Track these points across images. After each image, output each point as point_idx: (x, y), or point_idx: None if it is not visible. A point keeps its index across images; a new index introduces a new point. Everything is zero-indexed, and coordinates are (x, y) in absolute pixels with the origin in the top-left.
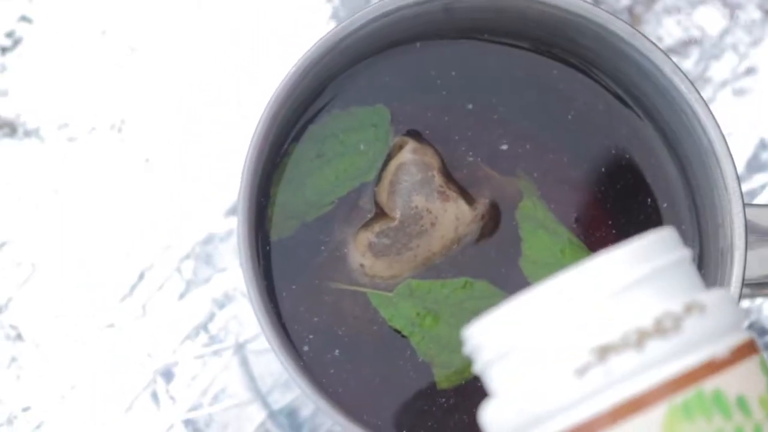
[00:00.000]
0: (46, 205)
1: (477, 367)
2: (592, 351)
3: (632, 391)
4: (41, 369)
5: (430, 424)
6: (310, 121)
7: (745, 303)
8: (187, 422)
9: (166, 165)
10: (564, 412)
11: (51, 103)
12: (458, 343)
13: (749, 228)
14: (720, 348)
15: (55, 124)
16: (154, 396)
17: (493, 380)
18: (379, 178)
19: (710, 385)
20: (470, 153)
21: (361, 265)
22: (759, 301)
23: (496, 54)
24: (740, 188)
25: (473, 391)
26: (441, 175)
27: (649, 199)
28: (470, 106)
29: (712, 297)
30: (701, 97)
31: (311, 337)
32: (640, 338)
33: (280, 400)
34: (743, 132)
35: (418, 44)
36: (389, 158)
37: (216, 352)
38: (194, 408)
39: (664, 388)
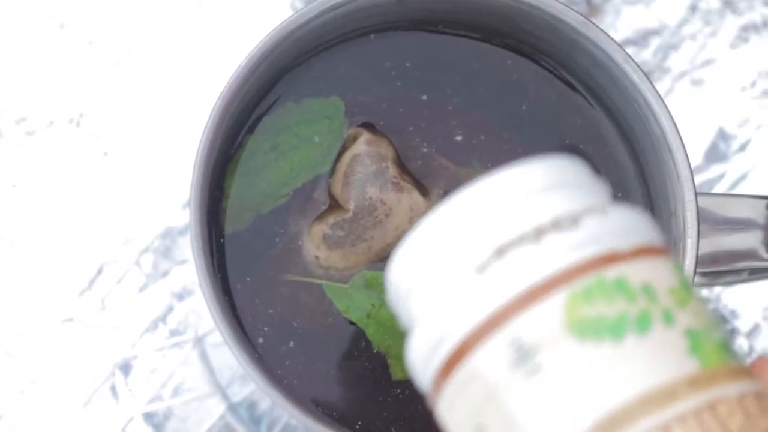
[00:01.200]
0: (4, 199)
1: (400, 313)
2: (492, 249)
3: (531, 281)
4: (0, 363)
5: (385, 415)
6: (264, 113)
7: (704, 292)
8: (147, 415)
9: (124, 158)
10: (470, 311)
11: (9, 98)
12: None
13: (702, 217)
14: (622, 243)
15: (13, 118)
16: (114, 389)
17: (410, 313)
18: (333, 170)
19: (612, 272)
20: (425, 144)
21: (316, 257)
22: (717, 290)
23: (451, 45)
24: (692, 177)
25: None
26: (395, 166)
27: None
28: (425, 98)
29: (616, 206)
30: (654, 86)
31: (266, 329)
32: (538, 234)
33: (239, 392)
34: (701, 122)
35: (372, 36)
36: (344, 150)
37: (175, 346)
38: (154, 401)
39: (564, 276)
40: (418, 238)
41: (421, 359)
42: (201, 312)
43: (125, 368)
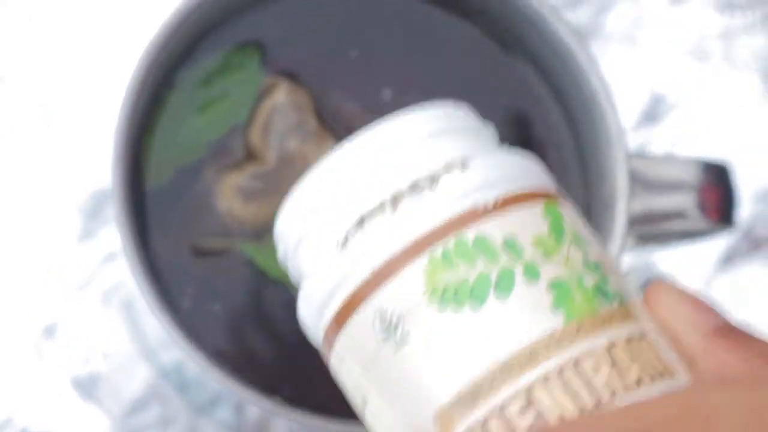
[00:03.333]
0: None
1: (290, 267)
2: (352, 221)
3: (389, 252)
4: None
5: (314, 378)
6: (185, 68)
7: (641, 258)
8: (74, 381)
9: (47, 121)
10: (337, 284)
11: None
12: None
13: (634, 178)
14: (483, 198)
15: None
16: (40, 354)
17: (299, 268)
18: (250, 120)
19: (471, 232)
20: (349, 99)
21: (231, 209)
22: (653, 257)
23: (381, 2)
24: (624, 138)
25: None
26: (316, 119)
27: (535, 149)
28: (352, 53)
29: (482, 156)
30: (585, 45)
31: (190, 291)
32: (395, 201)
33: (168, 357)
34: (637, 84)
35: None
36: (262, 100)
37: (103, 310)
38: (81, 366)
39: (421, 243)
40: (302, 190)
41: (310, 320)
42: (130, 275)
43: (52, 333)
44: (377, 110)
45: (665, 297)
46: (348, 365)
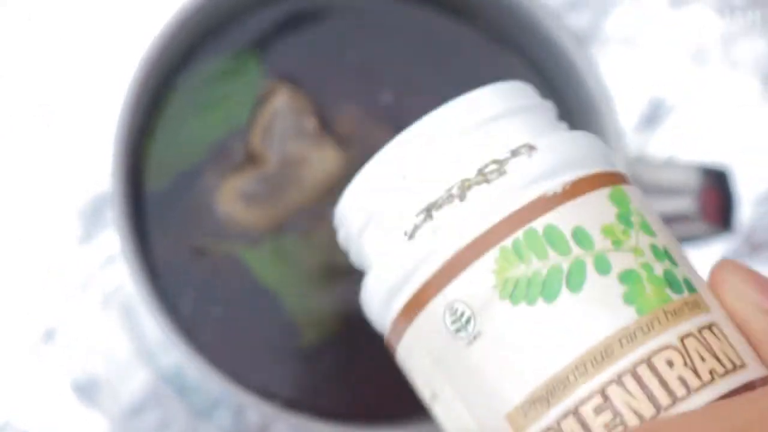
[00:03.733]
0: None
1: (351, 250)
2: (420, 211)
3: (460, 244)
4: None
5: (308, 383)
6: (186, 72)
7: None
8: (74, 384)
9: (47, 122)
10: (408, 278)
11: None
12: (326, 297)
13: (634, 182)
14: (551, 185)
15: None
16: (39, 357)
17: (362, 254)
18: (251, 124)
19: (541, 222)
20: (349, 102)
21: (232, 211)
22: None
23: (380, 6)
24: (622, 142)
25: (352, 351)
26: (316, 123)
27: None
28: (351, 56)
29: (547, 138)
30: (583, 49)
31: (191, 294)
32: (463, 189)
33: (169, 361)
34: (636, 87)
35: None
36: (262, 104)
37: (103, 313)
38: (80, 369)
39: (491, 234)
40: (366, 176)
41: (375, 310)
42: (129, 278)
43: (52, 335)
44: (377, 113)
45: (731, 278)
46: (417, 358)
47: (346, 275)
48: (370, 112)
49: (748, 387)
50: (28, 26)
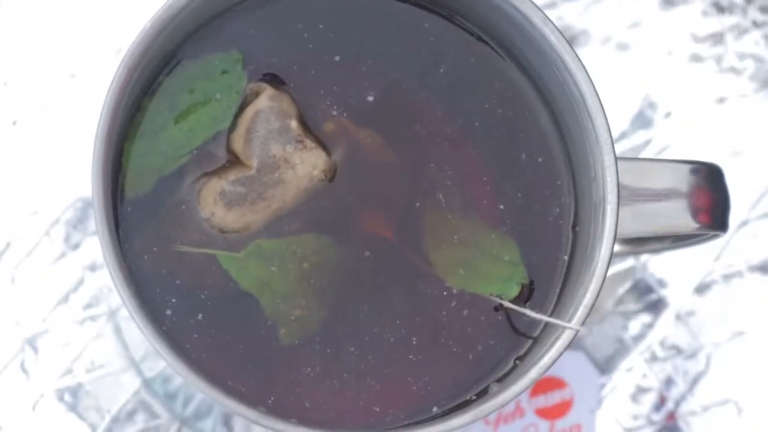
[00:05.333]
0: None
1: None
2: None
3: None
4: None
5: (297, 389)
6: (166, 74)
7: (630, 261)
8: (59, 392)
9: (33, 128)
10: None
11: None
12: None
13: (624, 183)
14: None
15: None
16: (23, 366)
17: None
18: (233, 125)
19: None
20: (331, 104)
21: (212, 215)
22: (644, 258)
23: (366, 5)
24: (612, 141)
25: (337, 355)
26: (299, 124)
27: (524, 154)
28: (335, 57)
29: None
30: (572, 48)
31: (173, 300)
32: None
33: (154, 367)
34: (628, 88)
35: None
36: (245, 105)
37: (88, 319)
38: (66, 377)
39: None
40: None
41: None
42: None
43: (36, 344)
44: (361, 114)
45: None
46: None
47: (329, 277)
48: (354, 113)
49: None
50: (28, 26)
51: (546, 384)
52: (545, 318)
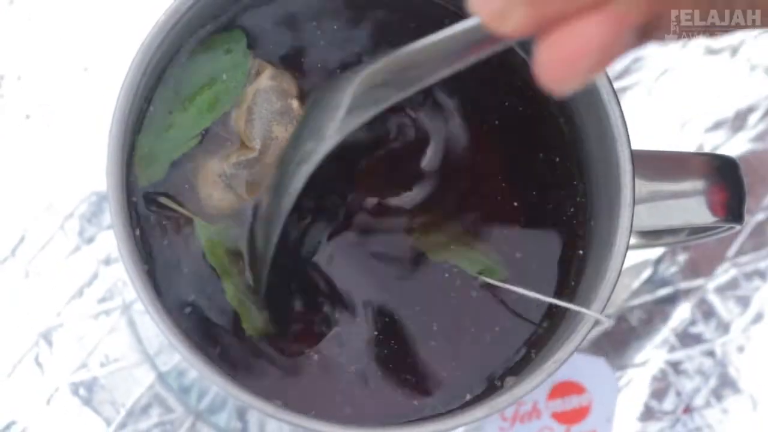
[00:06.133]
0: None
1: None
2: None
3: None
4: None
5: (306, 386)
6: (172, 61)
7: (645, 255)
8: (73, 386)
9: (47, 122)
10: None
11: None
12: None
13: (639, 174)
14: None
15: None
16: (37, 359)
17: None
18: (235, 105)
19: None
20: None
21: (210, 196)
22: (658, 254)
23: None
24: (627, 135)
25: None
26: (299, 104)
27: (541, 153)
28: (337, 40)
29: None
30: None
31: (189, 294)
32: None
33: (168, 361)
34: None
35: None
36: (247, 84)
37: (102, 313)
38: (80, 371)
39: None
40: None
41: None
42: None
43: (50, 337)
44: None
45: None
46: None
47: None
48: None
49: None
50: (40, 20)
51: (564, 388)
52: (571, 306)
